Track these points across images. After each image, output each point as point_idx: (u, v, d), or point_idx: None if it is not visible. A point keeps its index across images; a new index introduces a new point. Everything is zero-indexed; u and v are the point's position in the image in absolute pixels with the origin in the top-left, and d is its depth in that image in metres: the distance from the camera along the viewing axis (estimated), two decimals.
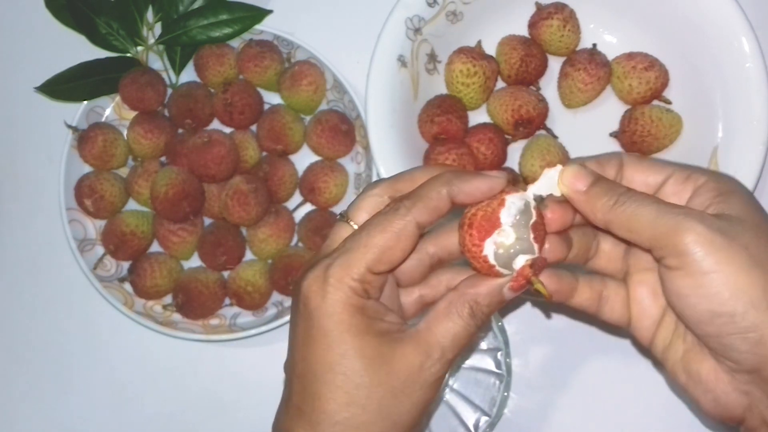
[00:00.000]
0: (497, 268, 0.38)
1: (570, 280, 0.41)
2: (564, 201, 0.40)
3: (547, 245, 0.39)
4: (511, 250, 0.38)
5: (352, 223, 0.40)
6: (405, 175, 0.41)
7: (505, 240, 0.37)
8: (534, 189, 0.39)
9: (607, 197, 0.38)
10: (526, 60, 0.62)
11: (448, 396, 0.58)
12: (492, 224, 0.37)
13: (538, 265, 0.38)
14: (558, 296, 0.41)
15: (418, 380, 0.38)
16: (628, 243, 0.40)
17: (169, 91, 0.66)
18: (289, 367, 0.39)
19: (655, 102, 0.62)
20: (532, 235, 0.38)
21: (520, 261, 0.38)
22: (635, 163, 0.40)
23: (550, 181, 0.39)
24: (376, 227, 0.38)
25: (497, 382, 0.58)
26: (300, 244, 0.64)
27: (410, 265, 0.42)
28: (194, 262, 0.65)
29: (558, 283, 0.41)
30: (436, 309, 0.39)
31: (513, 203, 0.38)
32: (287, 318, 0.59)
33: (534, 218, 0.38)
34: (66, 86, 0.65)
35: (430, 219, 0.38)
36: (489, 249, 0.37)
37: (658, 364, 0.42)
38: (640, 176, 0.40)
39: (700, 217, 0.36)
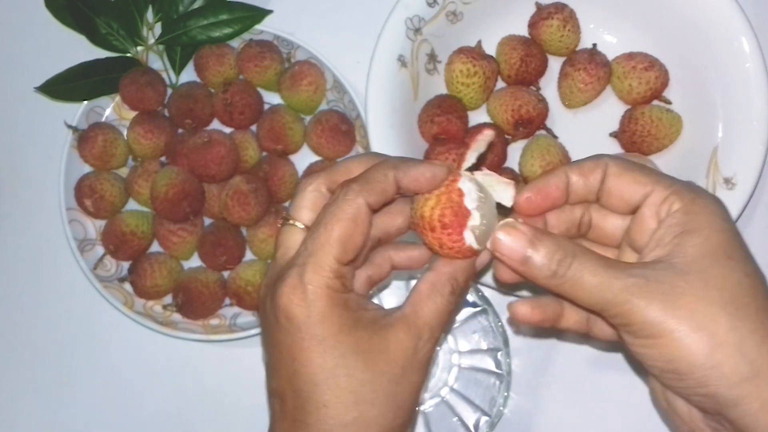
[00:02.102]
0: (476, 247, 0.39)
1: (555, 307, 0.42)
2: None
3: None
4: (483, 228, 0.38)
5: (297, 223, 0.40)
6: (340, 167, 0.41)
7: (476, 222, 0.38)
8: (467, 164, 0.40)
9: (544, 269, 0.38)
10: (526, 60, 0.62)
11: (448, 396, 0.58)
12: (464, 216, 0.38)
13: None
14: (545, 323, 0.42)
15: (414, 363, 0.38)
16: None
17: (169, 91, 0.66)
18: (279, 386, 0.38)
19: (655, 102, 0.62)
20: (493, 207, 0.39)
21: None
22: (618, 173, 0.40)
23: (477, 148, 0.40)
24: (331, 219, 0.37)
25: (497, 382, 0.58)
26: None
27: None
28: (194, 262, 0.65)
29: (542, 313, 0.41)
30: (418, 291, 0.39)
31: (470, 189, 0.38)
32: None
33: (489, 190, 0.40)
34: (66, 86, 0.65)
35: (378, 200, 0.38)
36: (469, 237, 0.38)
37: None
38: (619, 190, 0.40)
39: (640, 289, 0.36)
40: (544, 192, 0.41)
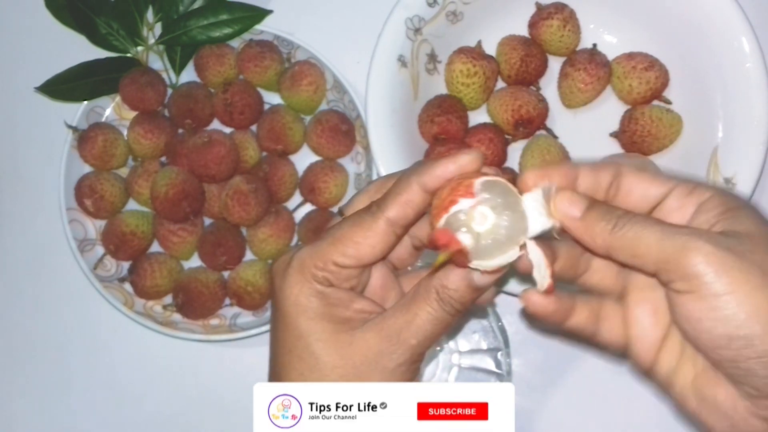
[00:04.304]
0: (469, 249, 0.35)
1: (567, 300, 0.39)
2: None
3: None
4: (490, 233, 0.35)
5: None
6: (398, 173, 0.40)
7: (479, 228, 0.35)
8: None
9: (605, 221, 0.36)
10: (526, 60, 0.62)
11: None
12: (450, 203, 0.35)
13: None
14: (556, 316, 0.39)
15: (376, 366, 0.37)
16: (631, 268, 0.37)
17: (169, 91, 0.66)
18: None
19: (655, 102, 0.62)
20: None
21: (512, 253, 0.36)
22: (635, 172, 0.38)
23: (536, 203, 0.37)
24: (348, 222, 0.38)
25: (497, 382, 0.58)
26: (300, 244, 0.64)
27: (398, 251, 0.41)
28: (194, 262, 0.65)
29: (557, 302, 0.38)
30: (404, 296, 0.39)
31: (483, 188, 0.36)
32: None
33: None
34: (66, 86, 0.65)
35: (404, 213, 0.37)
36: (465, 238, 0.35)
37: (661, 388, 0.40)
38: (639, 187, 0.38)
39: (707, 236, 0.34)
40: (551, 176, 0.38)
